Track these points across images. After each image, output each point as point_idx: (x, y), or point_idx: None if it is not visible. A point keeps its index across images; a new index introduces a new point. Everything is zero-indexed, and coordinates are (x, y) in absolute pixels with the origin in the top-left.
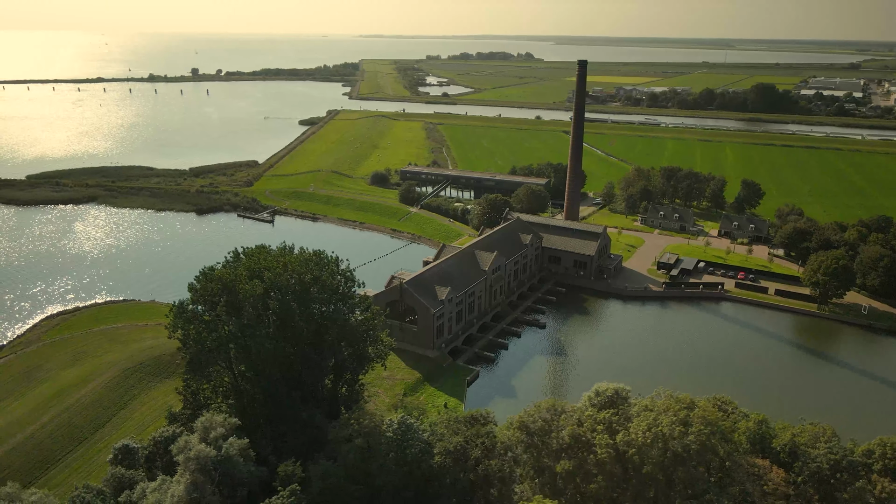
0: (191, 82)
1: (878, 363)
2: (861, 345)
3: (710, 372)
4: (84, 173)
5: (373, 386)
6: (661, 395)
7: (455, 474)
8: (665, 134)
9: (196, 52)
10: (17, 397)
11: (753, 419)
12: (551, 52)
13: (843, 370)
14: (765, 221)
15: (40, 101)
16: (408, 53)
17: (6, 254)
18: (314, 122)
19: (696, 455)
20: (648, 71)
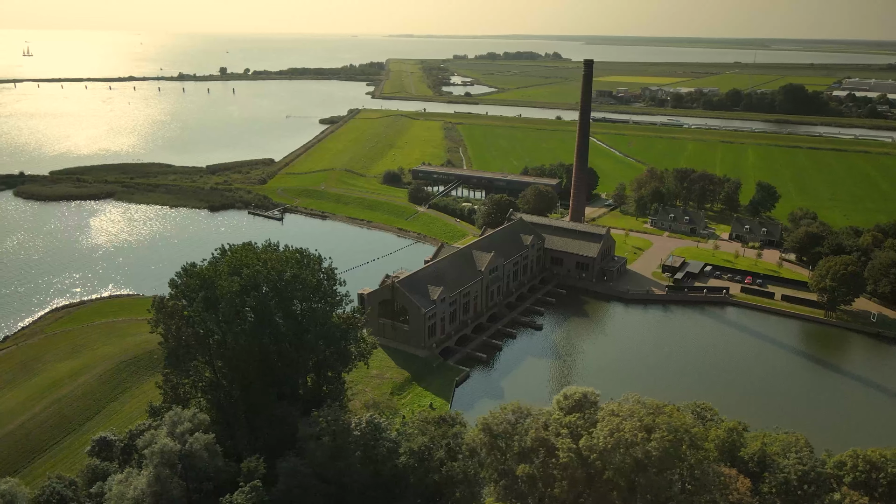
0: (219, 81)
1: (885, 373)
2: (868, 353)
3: (708, 378)
4: (104, 170)
5: (360, 384)
6: (629, 399)
7: (419, 475)
8: (686, 135)
9: (227, 51)
10: (13, 387)
11: (724, 427)
12: (580, 52)
13: (847, 379)
14: (777, 225)
15: (72, 99)
16: (435, 53)
17: (24, 247)
18: (334, 121)
19: (657, 462)
20: (677, 71)
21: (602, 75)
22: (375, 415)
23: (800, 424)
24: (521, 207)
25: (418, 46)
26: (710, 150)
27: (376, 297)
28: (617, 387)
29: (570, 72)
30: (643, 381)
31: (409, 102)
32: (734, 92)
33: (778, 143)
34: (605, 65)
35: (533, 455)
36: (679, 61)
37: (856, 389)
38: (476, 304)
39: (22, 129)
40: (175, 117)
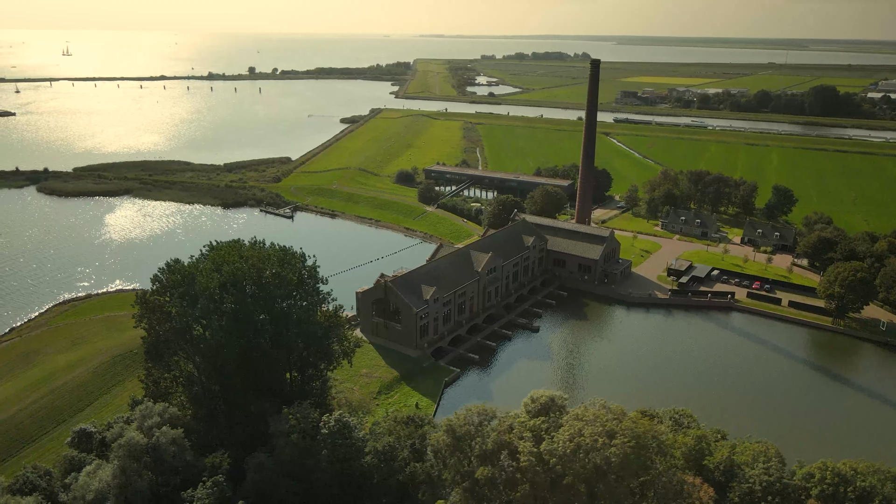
0: (247, 80)
1: (891, 383)
2: (875, 362)
3: (705, 385)
4: (125, 167)
5: (348, 383)
6: (595, 404)
7: (383, 475)
8: (709, 137)
9: (258, 51)
10: (10, 378)
11: (692, 434)
12: (611, 53)
13: (851, 388)
14: (791, 229)
15: (104, 98)
16: (464, 53)
17: (38, 242)
18: (355, 120)
19: (618, 468)
20: (708, 72)
21: (629, 76)
22: (346, 414)
23: (794, 434)
24: (529, 208)
25: (448, 46)
26: (733, 153)
27: (370, 296)
28: (609, 391)
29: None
30: (637, 385)
31: (432, 102)
32: (763, 93)
33: (803, 146)
34: (634, 65)
35: (495, 458)
36: (711, 62)
37: (859, 399)
38: (472, 304)
39: (52, 126)
40: (200, 116)
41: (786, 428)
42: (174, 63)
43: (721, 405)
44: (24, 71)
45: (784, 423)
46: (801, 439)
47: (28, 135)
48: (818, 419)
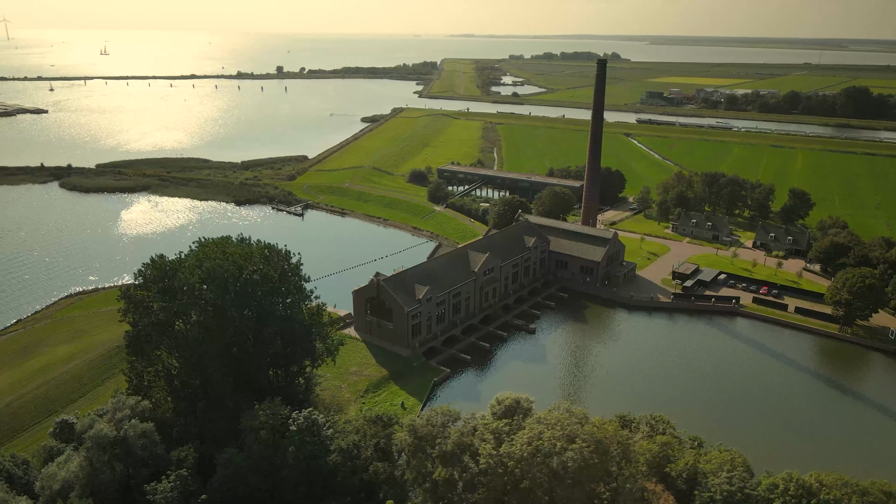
0: (275, 80)
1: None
2: (882, 372)
3: (699, 392)
4: (145, 163)
5: (337, 380)
6: (559, 408)
7: (347, 473)
8: (733, 138)
9: (288, 51)
10: (10, 368)
11: (658, 441)
12: (642, 53)
13: (853, 399)
14: (805, 234)
15: (135, 96)
16: (493, 53)
17: (56, 236)
18: (376, 119)
19: (575, 473)
20: (740, 72)
21: (659, 76)
22: (315, 411)
23: (786, 444)
24: (537, 209)
25: (478, 46)
26: (757, 155)
27: (363, 295)
28: (599, 395)
29: (628, 72)
30: (628, 390)
31: (455, 102)
32: (792, 94)
33: (831, 148)
34: (664, 65)
35: (455, 459)
36: (744, 62)
37: (861, 410)
38: (468, 305)
39: (81, 123)
40: (224, 114)
41: (779, 438)
42: (206, 62)
43: (714, 412)
44: (62, 69)
45: (777, 432)
46: (792, 450)
47: (57, 132)
48: (815, 430)
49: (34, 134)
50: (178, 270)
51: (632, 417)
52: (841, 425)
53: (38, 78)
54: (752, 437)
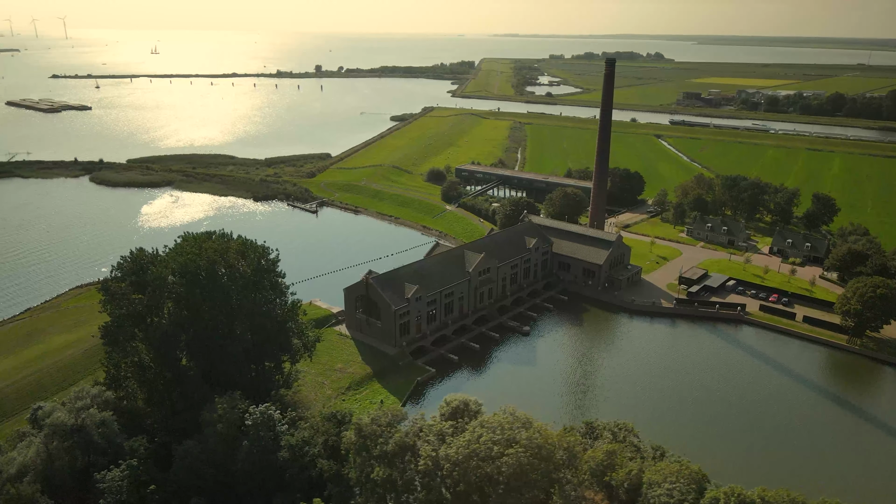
0: (313, 78)
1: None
2: (891, 387)
3: (691, 403)
4: (172, 159)
5: (321, 377)
6: (504, 410)
7: (295, 470)
8: (769, 141)
9: (330, 50)
10: (9, 355)
11: (603, 449)
12: (689, 53)
13: (855, 415)
14: (824, 241)
15: (176, 94)
16: (534, 52)
17: (77, 228)
18: (404, 118)
19: (510, 477)
20: (788, 73)
21: (702, 76)
22: (272, 407)
23: (771, 458)
24: (547, 210)
25: (520, 46)
26: (791, 158)
27: (354, 293)
28: (582, 401)
29: (669, 73)
30: (614, 397)
31: (487, 101)
32: (837, 96)
33: (871, 153)
34: (709, 66)
35: (397, 459)
36: (794, 62)
37: (863, 427)
38: (462, 305)
39: (121, 119)
40: (259, 112)
41: (767, 453)
42: (250, 61)
43: (703, 423)
44: (112, 68)
45: (766, 447)
46: (778, 466)
47: (97, 127)
48: (808, 445)
49: (75, 129)
50: (150, 264)
51: (597, 423)
52: (838, 442)
53: (88, 76)
54: (737, 451)
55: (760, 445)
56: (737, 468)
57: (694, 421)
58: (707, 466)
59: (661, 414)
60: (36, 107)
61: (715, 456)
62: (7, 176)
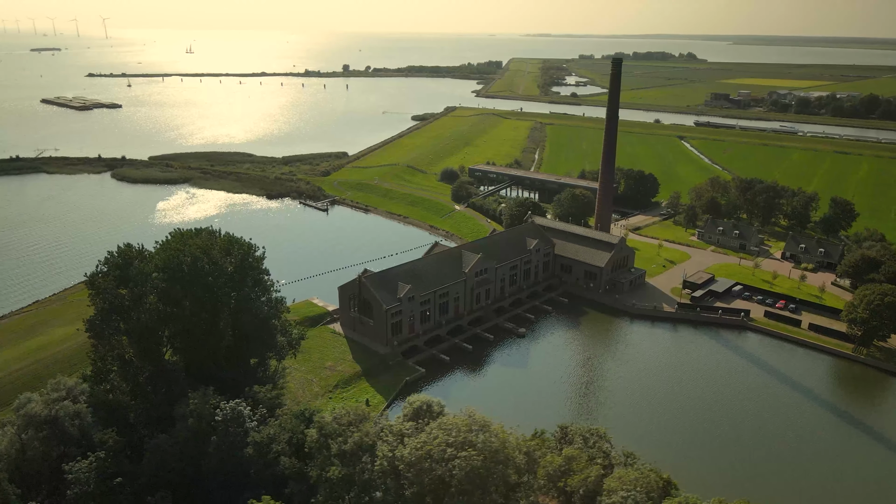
0: (340, 77)
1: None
2: (895, 399)
3: (678, 409)
4: (192, 157)
5: (310, 374)
6: (463, 412)
7: (259, 467)
8: (796, 143)
9: (360, 49)
10: (10, 346)
11: (565, 455)
12: (724, 53)
13: (858, 428)
14: (838, 246)
15: (205, 93)
16: (564, 53)
17: (93, 223)
18: (425, 118)
19: (462, 481)
20: (824, 74)
21: (734, 77)
22: (243, 403)
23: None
24: (554, 211)
25: (551, 46)
26: (816, 161)
27: (347, 291)
28: (566, 407)
29: (698, 73)
30: (601, 402)
31: (511, 101)
32: (871, 97)
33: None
34: (742, 66)
35: (355, 459)
36: (832, 63)
37: (863, 442)
38: (457, 305)
39: (149, 117)
40: (283, 110)
41: (752, 464)
42: (281, 61)
43: (690, 431)
44: (147, 67)
45: (753, 457)
46: (765, 479)
47: (126, 125)
48: (799, 458)
49: (104, 127)
50: (135, 259)
51: (571, 429)
52: (835, 457)
53: (122, 75)
54: (723, 462)
55: (749, 457)
56: (719, 479)
57: (683, 429)
58: (688, 476)
59: (651, 420)
60: (69, 104)
61: (699, 466)
62: (34, 172)
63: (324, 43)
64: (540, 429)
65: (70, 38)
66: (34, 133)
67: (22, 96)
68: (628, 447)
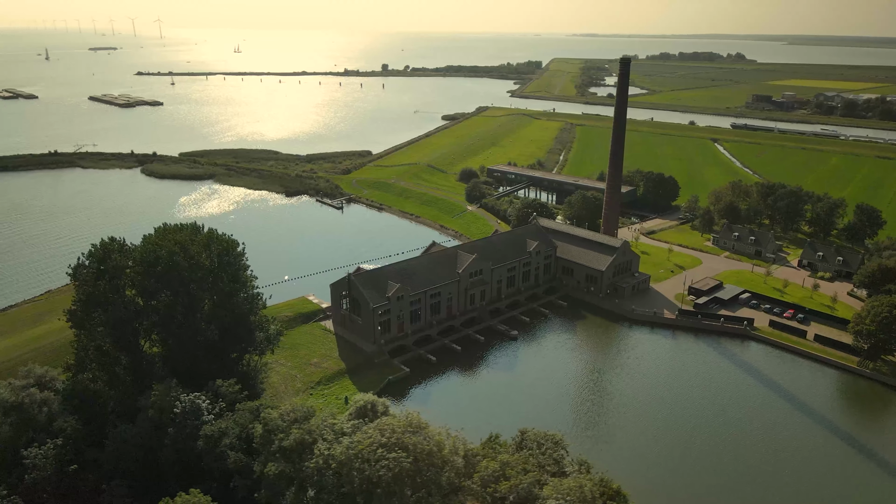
0: (379, 77)
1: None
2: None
3: (668, 422)
4: (219, 153)
5: (295, 370)
6: (403, 414)
7: (209, 460)
8: (835, 147)
9: (402, 49)
10: (14, 335)
11: (500, 461)
12: (776, 54)
13: (856, 449)
14: (858, 255)
15: (245, 91)
16: (610, 53)
17: (115, 216)
18: (455, 118)
19: (389, 482)
20: (879, 76)
21: (783, 78)
22: (202, 396)
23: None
24: (565, 213)
25: (596, 46)
26: (856, 166)
27: (338, 289)
28: (547, 413)
29: (744, 74)
30: (585, 408)
31: (545, 102)
32: None
33: None
34: (793, 67)
35: (294, 455)
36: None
37: (860, 462)
38: (450, 306)
39: (188, 114)
40: (316, 109)
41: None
42: (324, 60)
43: (671, 444)
44: (194, 66)
45: (735, 475)
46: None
47: (165, 122)
48: (786, 478)
49: (143, 123)
50: (115, 252)
51: (529, 434)
52: (828, 481)
53: (169, 73)
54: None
55: (735, 474)
56: (692, 494)
57: (667, 440)
58: (655, 488)
59: (633, 429)
60: (114, 102)
61: (672, 479)
62: (70, 166)
63: (369, 43)
64: (495, 433)
65: (127, 38)
66: (76, 128)
67: (73, 93)
68: (604, 455)
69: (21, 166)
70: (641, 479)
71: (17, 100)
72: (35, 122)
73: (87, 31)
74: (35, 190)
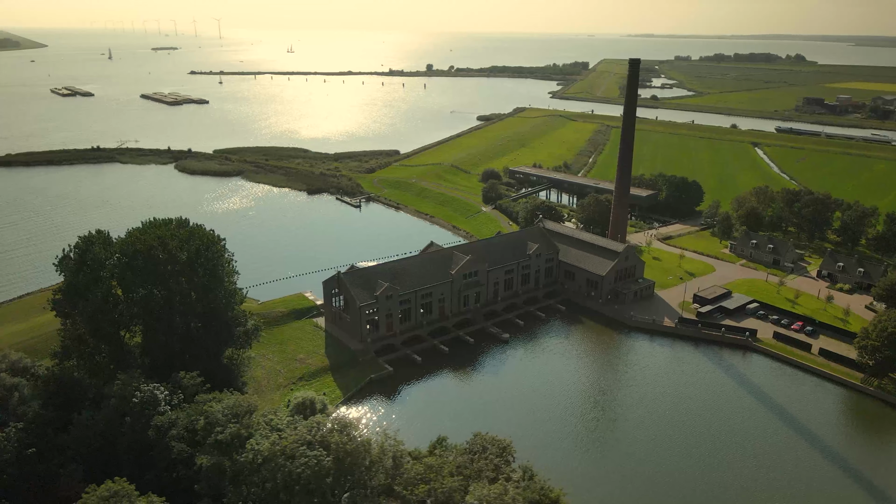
0: (423, 77)
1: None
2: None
3: (650, 434)
4: (250, 151)
5: (280, 365)
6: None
7: (160, 449)
8: (883, 153)
9: (451, 49)
10: (20, 322)
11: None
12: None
13: (850, 474)
14: (881, 267)
15: (290, 91)
16: (663, 54)
17: (141, 210)
18: (490, 118)
19: (309, 479)
20: None
21: (839, 81)
22: (160, 388)
23: None
24: (577, 215)
25: (651, 47)
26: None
27: (328, 287)
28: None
29: (801, 76)
30: (559, 416)
31: (585, 103)
32: None
33: None
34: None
35: (229, 449)
36: None
37: (859, 491)
38: (443, 307)
39: (231, 112)
40: (355, 108)
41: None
42: (373, 60)
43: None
44: (247, 65)
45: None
46: None
47: (207, 119)
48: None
49: (187, 121)
50: (97, 245)
51: (479, 439)
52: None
53: (220, 72)
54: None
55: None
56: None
57: (648, 451)
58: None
59: (599, 440)
60: (163, 99)
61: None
62: (109, 161)
63: (419, 43)
64: (443, 435)
65: (188, 38)
66: (124, 125)
67: (127, 91)
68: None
69: (65, 160)
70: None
71: (74, 97)
72: (86, 118)
73: (153, 32)
74: (73, 184)
